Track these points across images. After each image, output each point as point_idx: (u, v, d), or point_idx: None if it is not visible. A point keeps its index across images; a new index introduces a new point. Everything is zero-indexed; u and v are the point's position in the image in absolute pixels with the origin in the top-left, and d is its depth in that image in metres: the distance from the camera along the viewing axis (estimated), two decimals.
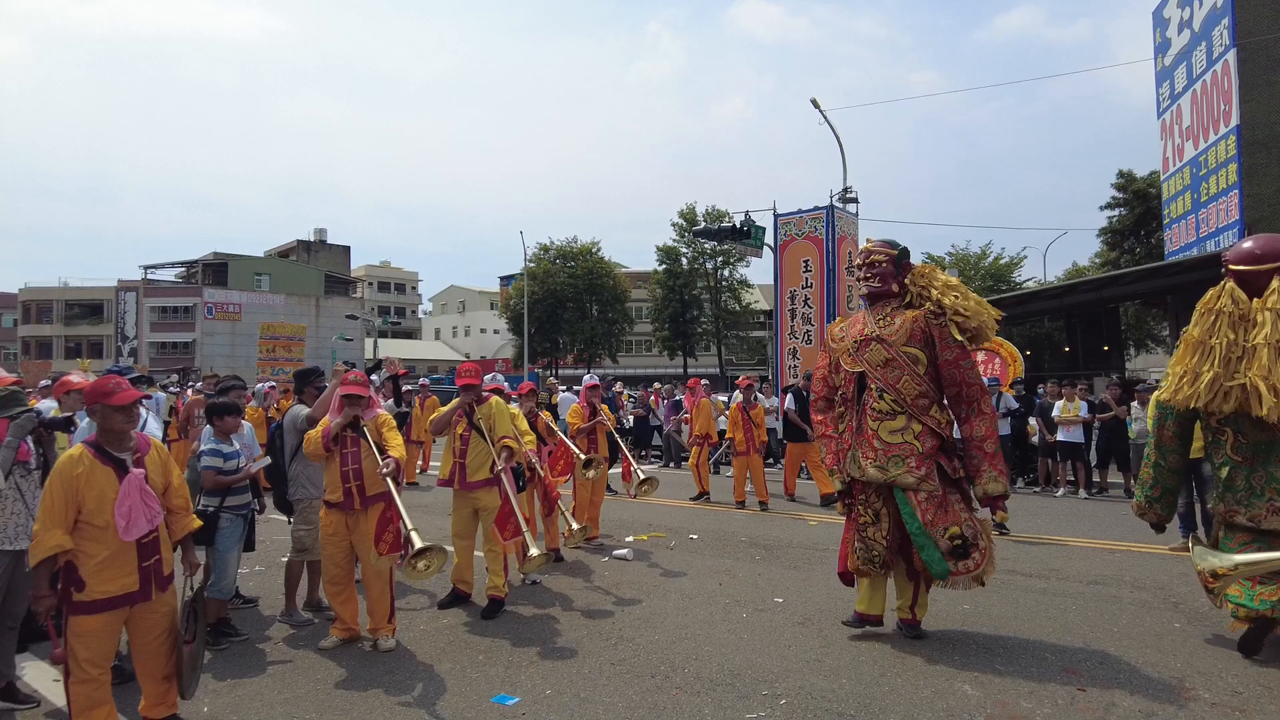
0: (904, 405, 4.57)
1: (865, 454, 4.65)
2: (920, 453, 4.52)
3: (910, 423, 4.57)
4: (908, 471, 4.50)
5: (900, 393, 4.58)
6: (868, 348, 4.70)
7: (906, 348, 4.60)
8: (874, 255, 4.86)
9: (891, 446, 4.56)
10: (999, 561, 6.84)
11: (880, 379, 4.63)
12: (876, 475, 4.57)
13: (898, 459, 4.53)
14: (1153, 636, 4.86)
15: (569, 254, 49.66)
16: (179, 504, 3.71)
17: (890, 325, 4.68)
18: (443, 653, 4.74)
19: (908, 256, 4.93)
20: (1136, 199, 31.97)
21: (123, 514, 3.33)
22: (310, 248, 67.06)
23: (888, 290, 4.82)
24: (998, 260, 37.61)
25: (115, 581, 3.35)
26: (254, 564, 6.90)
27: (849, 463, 4.75)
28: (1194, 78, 18.82)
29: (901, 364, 4.59)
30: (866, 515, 4.70)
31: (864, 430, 4.68)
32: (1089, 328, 27.47)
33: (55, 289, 55.94)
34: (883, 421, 4.60)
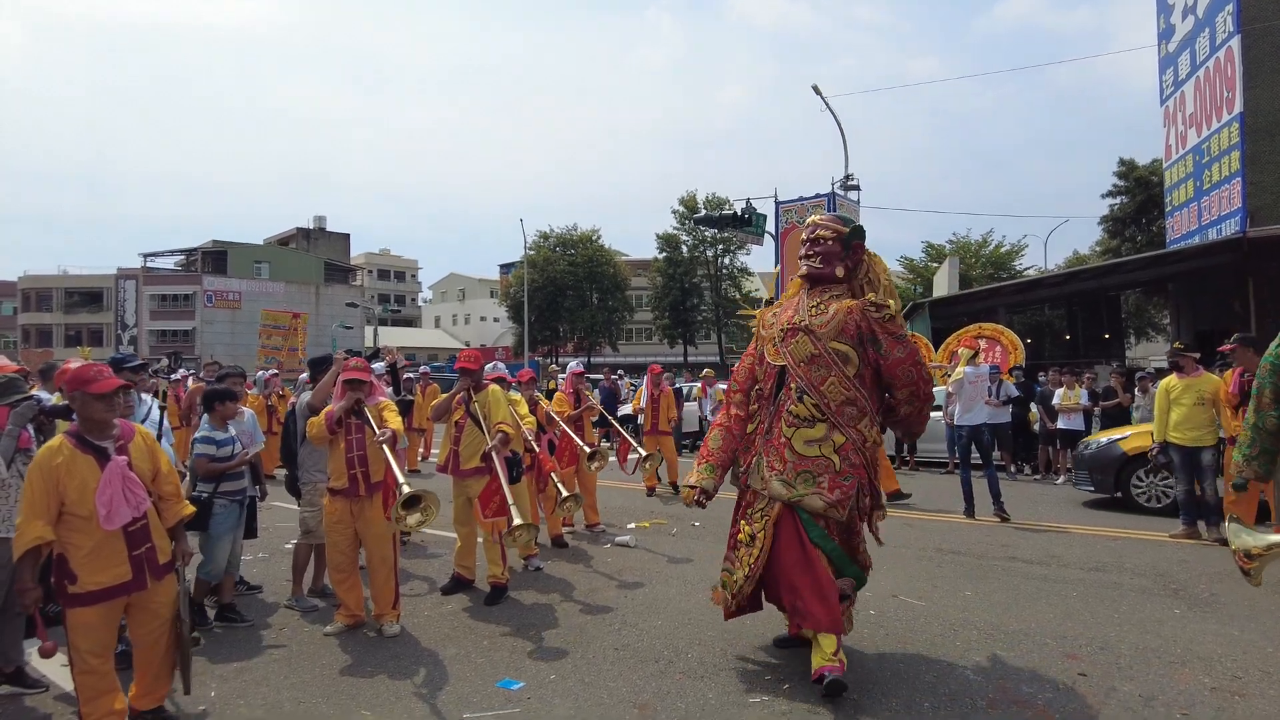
0: (826, 412, 3.85)
1: (771, 463, 3.91)
2: (836, 471, 3.80)
3: (831, 433, 3.84)
4: (817, 493, 3.79)
5: (824, 396, 3.84)
6: (793, 339, 3.96)
7: (836, 343, 3.87)
8: (819, 231, 4.12)
9: (804, 460, 3.83)
10: (999, 549, 6.93)
11: (802, 377, 3.89)
12: (780, 491, 3.86)
13: (808, 476, 3.82)
14: (1153, 622, 4.89)
15: (569, 242, 49.61)
16: (169, 491, 3.65)
17: (822, 314, 3.95)
18: (447, 638, 4.77)
19: (861, 237, 4.16)
20: (1138, 186, 31.89)
21: (104, 502, 3.27)
22: (310, 235, 66.91)
23: (829, 274, 4.07)
24: (998, 248, 37.55)
25: (106, 572, 3.30)
26: (257, 551, 6.92)
27: (752, 470, 4.06)
28: (1197, 64, 18.71)
29: (828, 362, 3.86)
30: (744, 532, 4.02)
31: (774, 435, 3.94)
32: (1090, 316, 27.49)
33: (55, 277, 55.91)
34: (799, 428, 3.87)
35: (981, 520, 8.32)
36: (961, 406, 8.77)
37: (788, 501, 3.85)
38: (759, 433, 4.05)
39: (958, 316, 22.43)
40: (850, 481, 3.83)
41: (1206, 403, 7.23)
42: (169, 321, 52.52)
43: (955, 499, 8.97)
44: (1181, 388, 7.34)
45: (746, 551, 3.98)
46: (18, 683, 4.03)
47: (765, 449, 3.98)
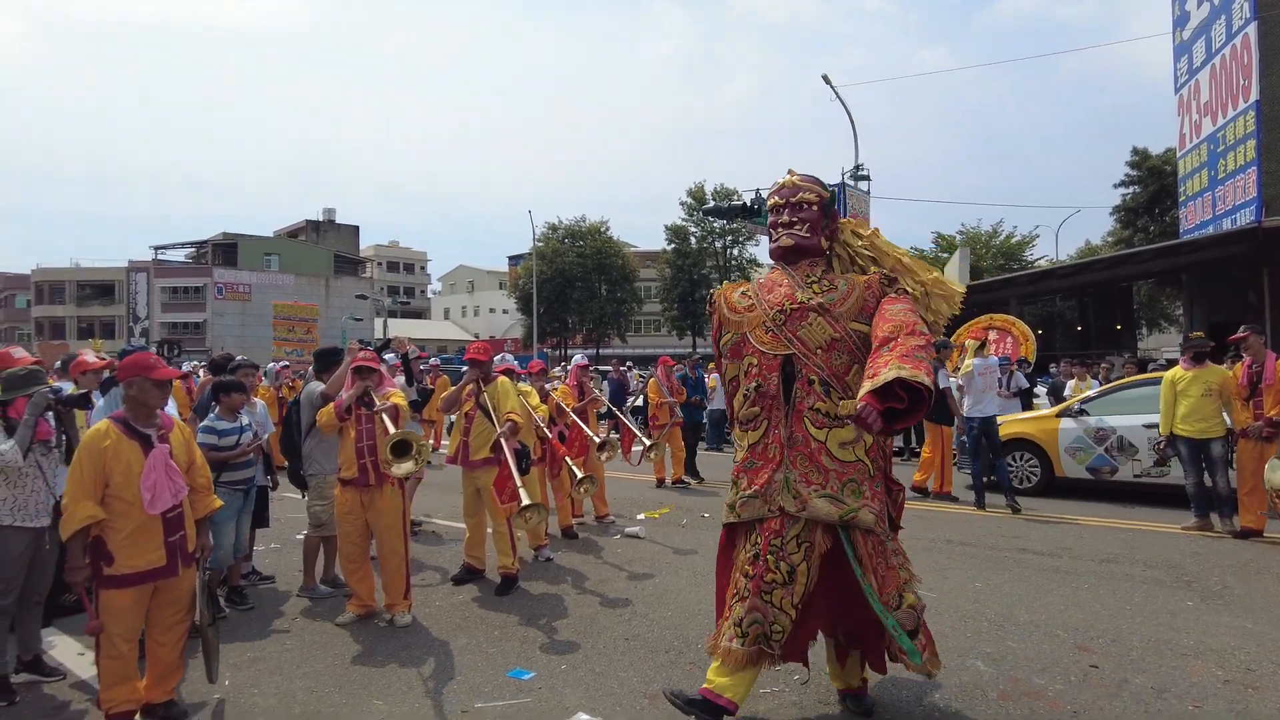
0: None
1: (806, 476, 3.18)
2: (871, 476, 3.24)
3: (862, 433, 3.19)
4: (865, 505, 3.15)
5: (849, 389, 3.19)
6: (803, 321, 3.27)
7: (856, 324, 3.26)
8: (802, 193, 3.45)
9: (847, 467, 3.18)
10: (1010, 540, 6.91)
11: (823, 367, 3.22)
12: (826, 510, 3.13)
13: (854, 485, 3.16)
14: (1165, 614, 4.87)
15: (577, 233, 49.57)
16: (201, 483, 3.78)
17: (834, 291, 3.33)
18: (458, 628, 4.80)
19: (835, 203, 3.67)
20: (1151, 176, 31.64)
21: (148, 487, 3.38)
22: (319, 228, 67.11)
23: (815, 245, 3.46)
24: (1009, 239, 37.31)
25: (143, 556, 3.40)
26: (269, 541, 6.97)
27: (776, 490, 3.21)
28: (1213, 52, 18.50)
29: (850, 347, 3.23)
30: (778, 571, 3.16)
31: (801, 442, 3.22)
32: (1101, 307, 27.33)
33: (67, 270, 56.25)
34: (831, 429, 3.19)
35: (992, 512, 8.29)
36: (972, 399, 8.74)
37: (838, 521, 3.13)
38: (772, 441, 3.27)
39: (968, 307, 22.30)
40: (881, 487, 3.29)
41: (1214, 394, 7.18)
42: (180, 314, 52.82)
43: (965, 491, 8.95)
44: (1189, 379, 7.28)
45: (785, 593, 3.15)
46: (36, 670, 4.08)
47: (792, 459, 3.22)
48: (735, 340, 3.48)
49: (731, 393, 3.53)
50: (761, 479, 3.25)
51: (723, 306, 3.60)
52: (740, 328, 3.46)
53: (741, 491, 3.30)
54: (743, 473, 3.34)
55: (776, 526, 3.21)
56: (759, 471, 3.28)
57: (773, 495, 3.22)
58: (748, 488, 3.28)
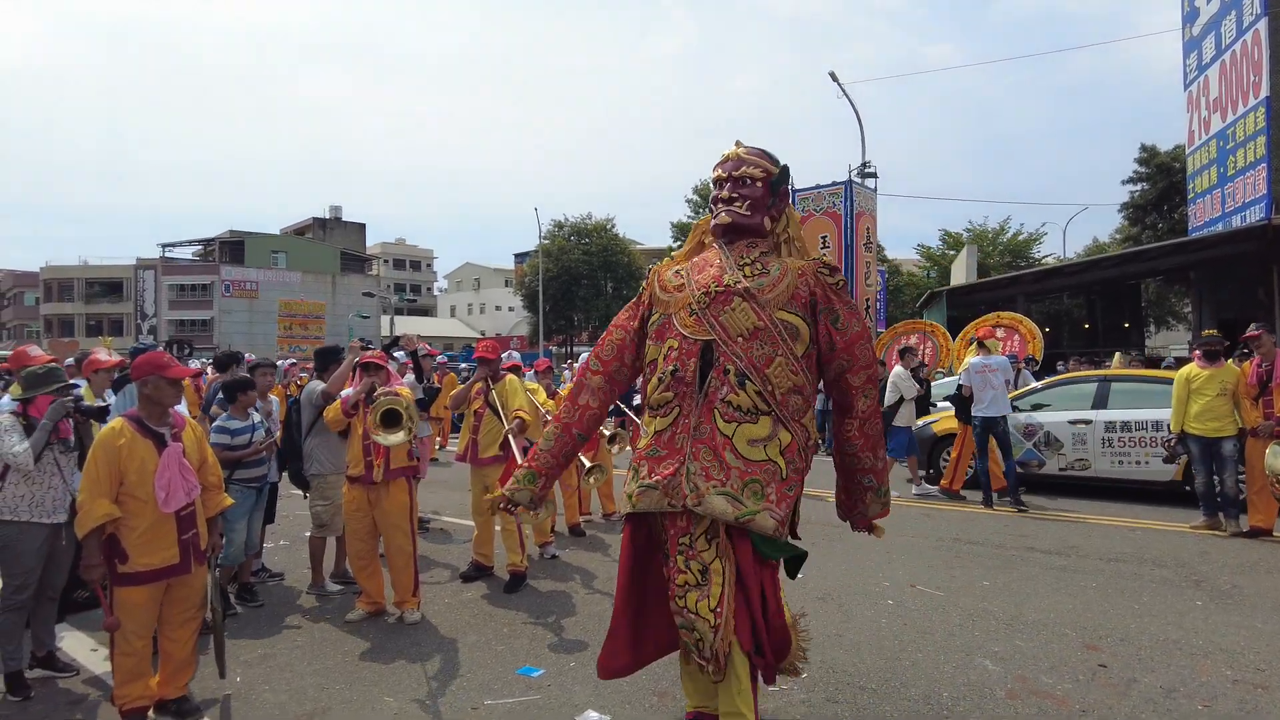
0: (771, 402, 2.90)
1: (707, 470, 2.87)
2: (783, 479, 2.89)
3: (777, 430, 2.91)
4: (768, 508, 2.83)
5: (769, 381, 2.89)
6: (727, 304, 2.97)
7: (785, 313, 2.95)
8: (746, 168, 3.12)
9: (752, 466, 2.86)
10: (1017, 539, 6.90)
11: (741, 356, 2.91)
12: (722, 509, 2.81)
13: (757, 486, 2.84)
14: (1174, 614, 4.86)
15: (583, 231, 49.56)
16: (213, 481, 3.83)
17: (765, 275, 3.01)
18: (468, 626, 4.82)
19: (787, 180, 3.24)
20: (1160, 173, 31.44)
21: (162, 485, 3.42)
22: (326, 225, 67.26)
23: (756, 225, 3.12)
24: (1016, 236, 37.19)
25: (157, 554, 3.45)
26: (278, 538, 7.01)
27: (679, 482, 2.88)
28: (1223, 48, 18.38)
29: (774, 338, 2.93)
30: (690, 572, 2.87)
31: (707, 435, 2.91)
32: (1109, 304, 27.23)
33: (76, 267, 56.53)
34: (740, 423, 2.89)
35: (999, 510, 8.28)
36: (974, 398, 8.75)
37: (734, 522, 2.81)
38: (680, 431, 2.96)
39: (975, 305, 22.27)
40: (794, 491, 2.94)
41: (1228, 393, 7.15)
42: (187, 311, 53.01)
43: (972, 489, 8.94)
44: (1205, 378, 7.25)
45: (700, 594, 2.83)
46: (49, 666, 4.11)
47: (695, 451, 2.90)
48: (661, 321, 3.12)
49: (648, 376, 3.20)
50: (664, 470, 2.93)
51: (655, 284, 3.28)
52: (668, 308, 3.13)
53: (641, 480, 2.97)
54: (644, 460, 3.01)
55: (683, 524, 2.91)
56: (661, 461, 2.96)
57: (674, 488, 2.89)
58: (648, 476, 2.95)
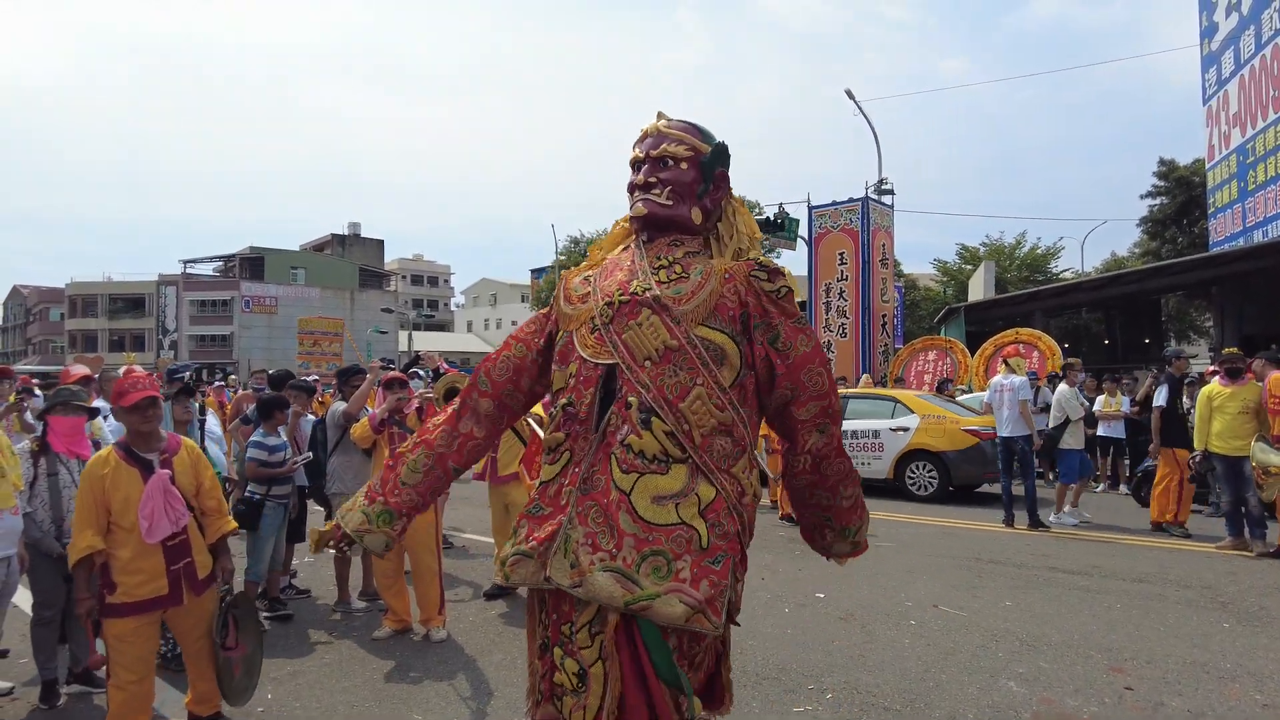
0: (687, 446, 2.16)
1: (593, 539, 2.15)
2: (703, 548, 2.11)
3: (695, 483, 2.17)
4: (676, 589, 2.07)
5: (685, 419, 2.16)
6: (633, 318, 2.24)
7: (706, 330, 2.22)
8: (667, 144, 2.40)
9: (654, 531, 2.12)
10: (1040, 558, 6.86)
11: (649, 386, 2.18)
12: (610, 590, 2.08)
13: (661, 560, 2.10)
14: (1200, 636, 4.83)
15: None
16: (211, 506, 3.64)
17: (680, 281, 2.29)
18: (493, 644, 4.87)
19: (726, 161, 2.50)
20: (1179, 187, 31.24)
21: (145, 515, 3.28)
22: (345, 241, 68.00)
23: (681, 217, 2.38)
24: (1034, 250, 37.02)
25: (144, 585, 3.32)
26: (305, 554, 7.09)
27: (554, 551, 2.19)
28: (1242, 62, 18.33)
29: (693, 362, 2.19)
30: (564, 671, 2.19)
31: (600, 488, 2.20)
32: (1129, 320, 27.02)
33: (99, 284, 57.44)
34: (643, 475, 2.16)
35: (1020, 529, 8.25)
36: (995, 416, 8.78)
37: (625, 607, 2.07)
38: (569, 481, 2.26)
39: (994, 321, 22.19)
40: (723, 564, 2.12)
41: (1250, 411, 7.11)
42: (208, 326, 53.67)
43: (994, 508, 8.90)
44: (1226, 395, 7.22)
45: (576, 703, 2.15)
46: (86, 682, 4.19)
47: (581, 512, 2.20)
48: (564, 341, 2.39)
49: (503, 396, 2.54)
50: (542, 532, 2.24)
51: (560, 297, 2.50)
52: (570, 324, 2.40)
53: (517, 545, 2.28)
54: (525, 518, 2.32)
55: (566, 607, 2.22)
56: (543, 522, 2.27)
57: (552, 559, 2.18)
58: (524, 541, 2.26)
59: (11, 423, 5.43)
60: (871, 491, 8.64)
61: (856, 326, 18.27)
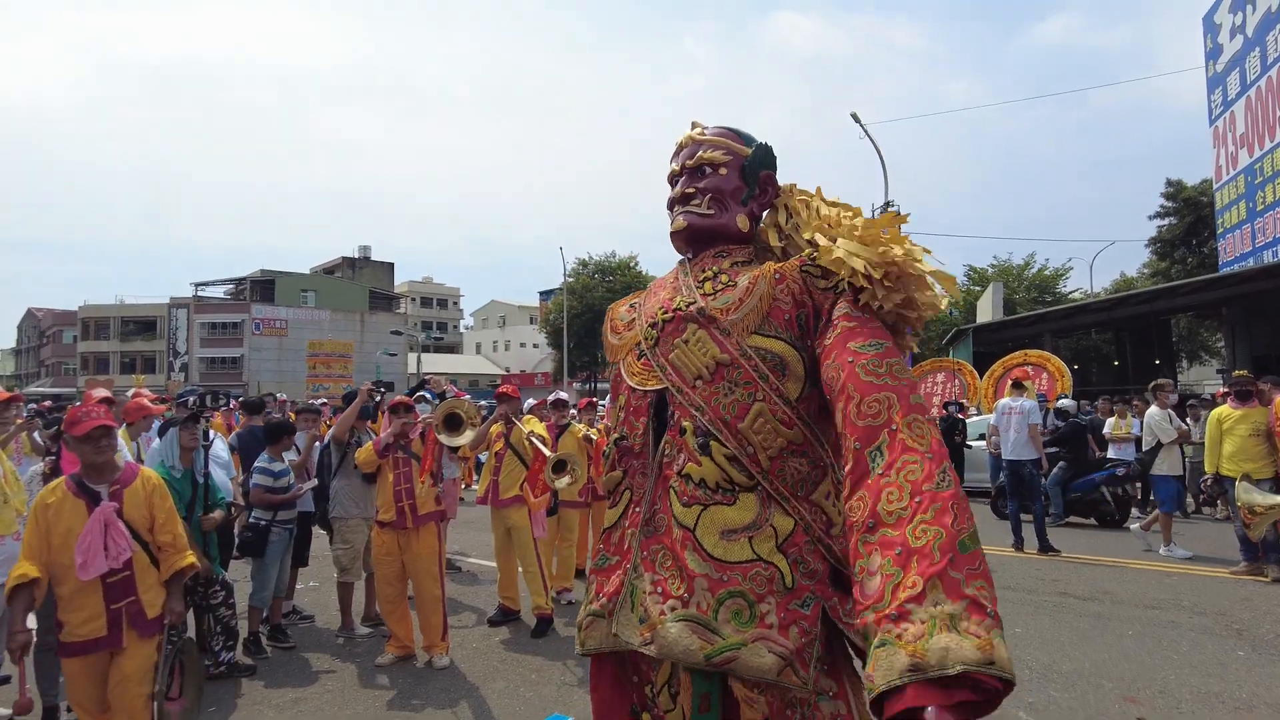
0: (753, 470, 1.89)
1: (661, 586, 1.90)
2: (788, 588, 1.80)
3: (769, 513, 1.87)
4: (763, 637, 1.75)
5: (748, 441, 1.89)
6: (678, 335, 2.03)
7: (761, 338, 1.94)
8: (704, 151, 2.20)
9: (730, 571, 1.83)
10: (1049, 584, 6.78)
11: (704, 408, 1.94)
12: (683, 645, 1.79)
13: (741, 603, 1.79)
14: (1215, 665, 4.74)
15: (607, 269, 49.97)
16: (166, 540, 3.36)
17: (730, 290, 2.03)
18: (495, 671, 4.82)
19: (771, 163, 2.26)
20: (1187, 207, 31.18)
21: (81, 549, 3.05)
22: (355, 264, 68.47)
23: (726, 227, 2.17)
24: (1042, 271, 36.94)
25: (83, 625, 3.10)
26: (309, 579, 7.07)
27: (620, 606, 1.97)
28: (1248, 84, 18.36)
29: (750, 375, 1.92)
30: None
31: (663, 528, 1.96)
32: (1139, 340, 26.85)
33: (112, 306, 57.87)
34: (707, 507, 1.89)
35: (1030, 554, 8.15)
36: (1001, 439, 8.73)
37: (706, 662, 1.77)
38: (630, 524, 2.05)
39: (1003, 342, 22.10)
40: (812, 609, 1.79)
41: (1261, 434, 7.04)
42: (218, 349, 53.94)
43: (1003, 531, 8.81)
44: (1235, 418, 7.15)
45: None
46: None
47: (647, 557, 1.97)
48: (615, 375, 2.27)
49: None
50: (611, 586, 2.02)
51: (608, 329, 2.40)
52: (617, 354, 2.28)
53: (588, 605, 2.08)
54: (594, 574, 2.12)
55: (644, 666, 1.99)
56: (610, 573, 2.05)
57: (618, 613, 1.96)
58: (594, 599, 2.06)
59: (21, 444, 5.46)
60: None
61: None
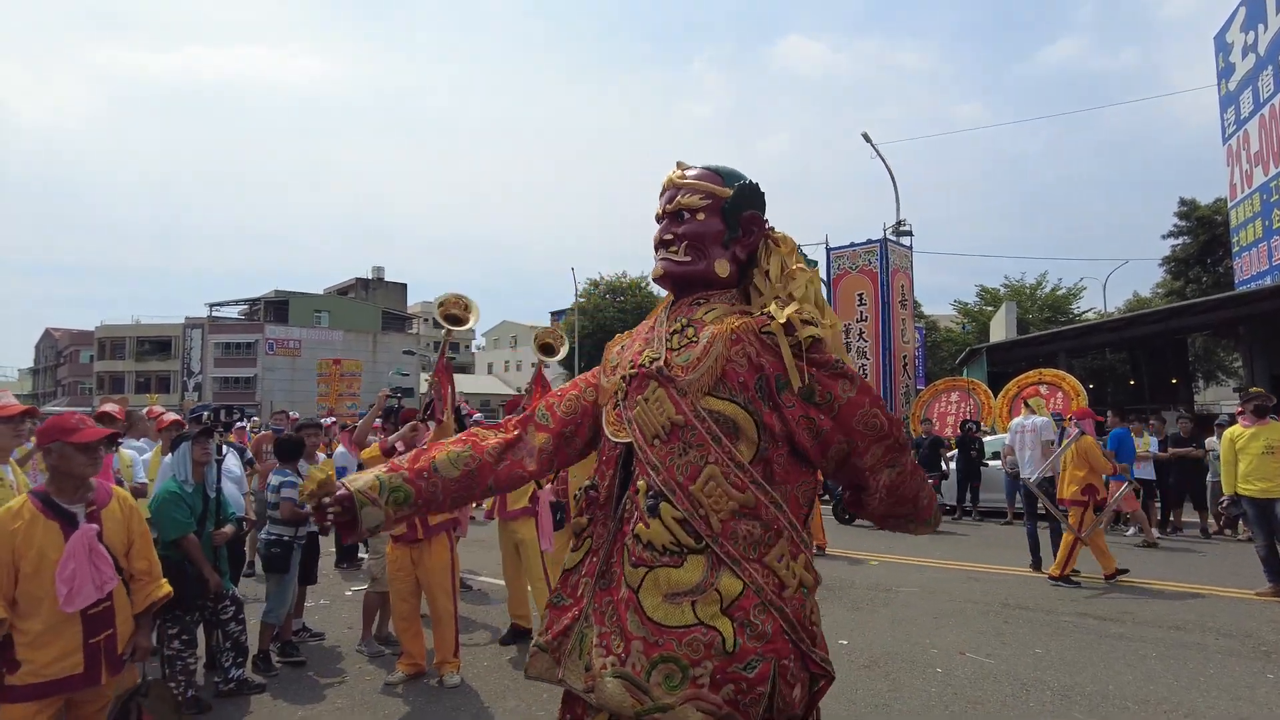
0: (704, 532, 1.91)
1: (605, 641, 1.97)
2: (727, 653, 1.81)
3: (716, 576, 1.89)
4: (694, 699, 1.80)
5: (697, 501, 1.92)
6: (640, 392, 2.08)
7: (714, 400, 1.97)
8: (682, 196, 2.18)
9: (665, 634, 1.87)
10: (1070, 604, 6.65)
11: (659, 467, 1.98)
12: (618, 699, 1.86)
13: (674, 667, 1.84)
14: (1244, 688, 4.63)
15: (618, 289, 50.16)
16: (141, 568, 3.05)
17: (692, 346, 2.05)
18: (507, 690, 4.77)
19: (756, 202, 2.22)
20: (1201, 226, 31.02)
21: (65, 579, 2.70)
22: (369, 285, 68.96)
23: (704, 273, 2.16)
24: (1055, 291, 36.77)
25: (55, 663, 2.73)
26: (318, 598, 7.04)
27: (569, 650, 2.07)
28: (1261, 102, 18.30)
29: (702, 437, 1.95)
30: None
31: (613, 583, 2.03)
32: (1155, 360, 26.61)
33: (128, 326, 58.49)
34: (653, 568, 1.93)
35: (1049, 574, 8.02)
36: (1018, 458, 8.64)
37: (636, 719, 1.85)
38: (586, 571, 2.13)
39: (1016, 362, 21.95)
40: (757, 670, 1.80)
41: (1276, 451, 6.92)
42: (232, 369, 54.31)
43: (1020, 551, 8.69)
44: (1248, 436, 7.05)
45: None
46: None
47: (598, 609, 2.02)
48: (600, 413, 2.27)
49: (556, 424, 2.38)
50: (559, 626, 2.11)
51: (604, 366, 2.39)
52: (604, 397, 2.26)
53: (536, 637, 2.18)
54: (547, 609, 2.20)
55: (579, 709, 2.07)
56: (562, 614, 2.13)
57: (566, 658, 2.05)
58: (543, 633, 2.15)
59: (36, 461, 5.48)
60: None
61: (877, 368, 18.14)
